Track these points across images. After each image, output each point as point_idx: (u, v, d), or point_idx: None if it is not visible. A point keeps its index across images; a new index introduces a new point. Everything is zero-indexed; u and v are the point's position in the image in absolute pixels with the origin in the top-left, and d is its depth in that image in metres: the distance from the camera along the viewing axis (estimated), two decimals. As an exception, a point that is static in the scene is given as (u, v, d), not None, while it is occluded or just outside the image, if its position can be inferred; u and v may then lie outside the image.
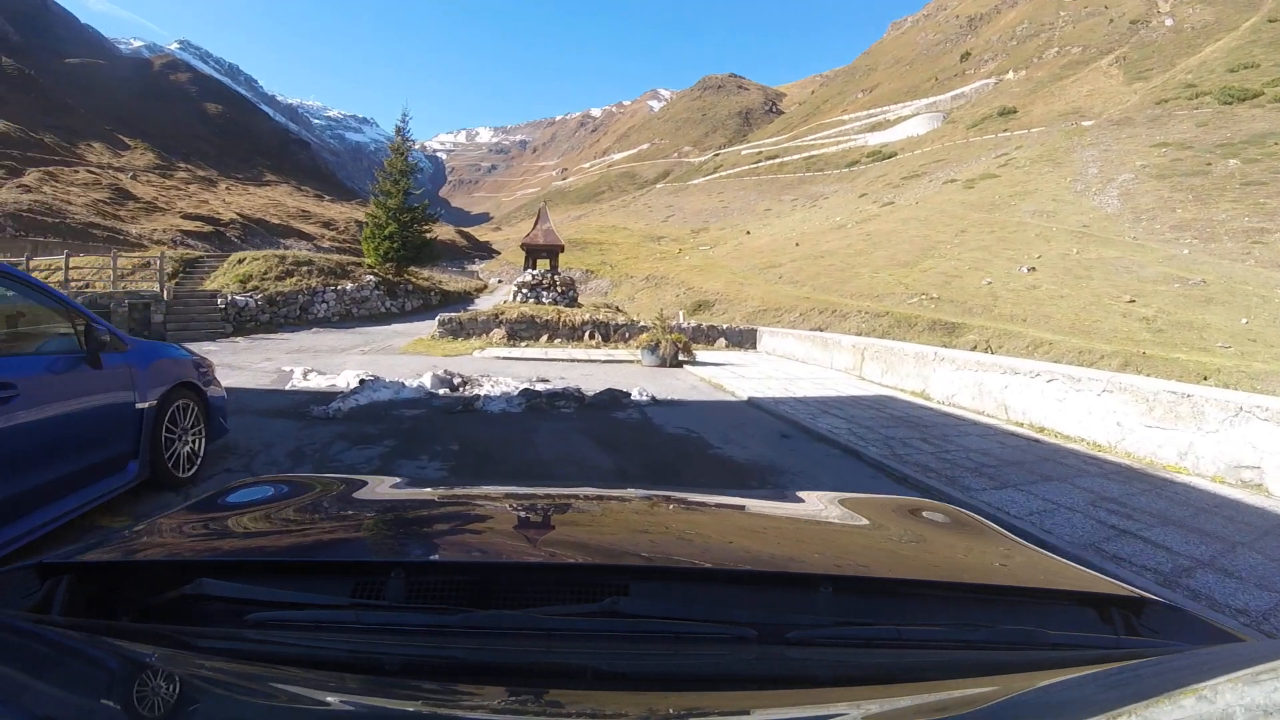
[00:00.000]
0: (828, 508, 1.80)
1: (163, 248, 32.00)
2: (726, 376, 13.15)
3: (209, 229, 55.44)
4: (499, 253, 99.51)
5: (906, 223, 44.97)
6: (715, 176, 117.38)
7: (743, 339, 21.37)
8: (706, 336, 21.13)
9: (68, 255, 18.72)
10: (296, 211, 78.37)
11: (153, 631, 1.00)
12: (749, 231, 67.47)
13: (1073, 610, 1.21)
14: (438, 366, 11.72)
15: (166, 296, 19.33)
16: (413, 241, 31.90)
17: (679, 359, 15.26)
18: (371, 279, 28.54)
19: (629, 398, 9.95)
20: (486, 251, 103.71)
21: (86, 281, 20.48)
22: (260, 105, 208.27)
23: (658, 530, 1.55)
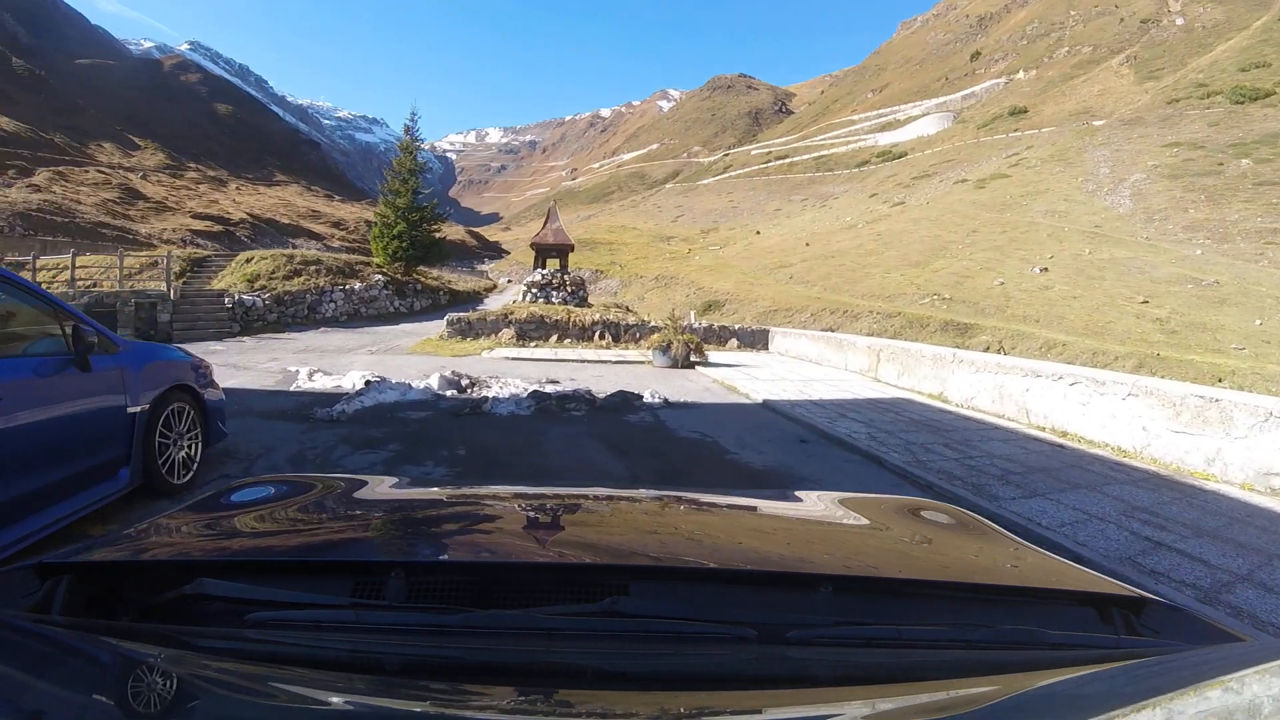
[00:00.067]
0: (828, 508, 1.82)
1: (171, 247, 32.00)
2: (740, 378, 12.97)
3: (219, 229, 55.71)
4: (508, 252, 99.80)
5: (917, 223, 44.90)
6: (725, 176, 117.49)
7: (755, 340, 21.19)
8: (718, 337, 20.97)
9: (74, 254, 18.72)
10: (306, 211, 78.72)
11: (153, 631, 1.00)
12: (759, 231, 67.39)
13: (1073, 610, 1.21)
14: (445, 367, 11.60)
15: (173, 296, 19.21)
16: (421, 241, 31.81)
17: (691, 360, 15.07)
18: (380, 278, 28.36)
19: (641, 400, 9.77)
20: (496, 251, 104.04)
21: (94, 281, 20.47)
22: (270, 106, 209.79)
23: (658, 530, 1.56)
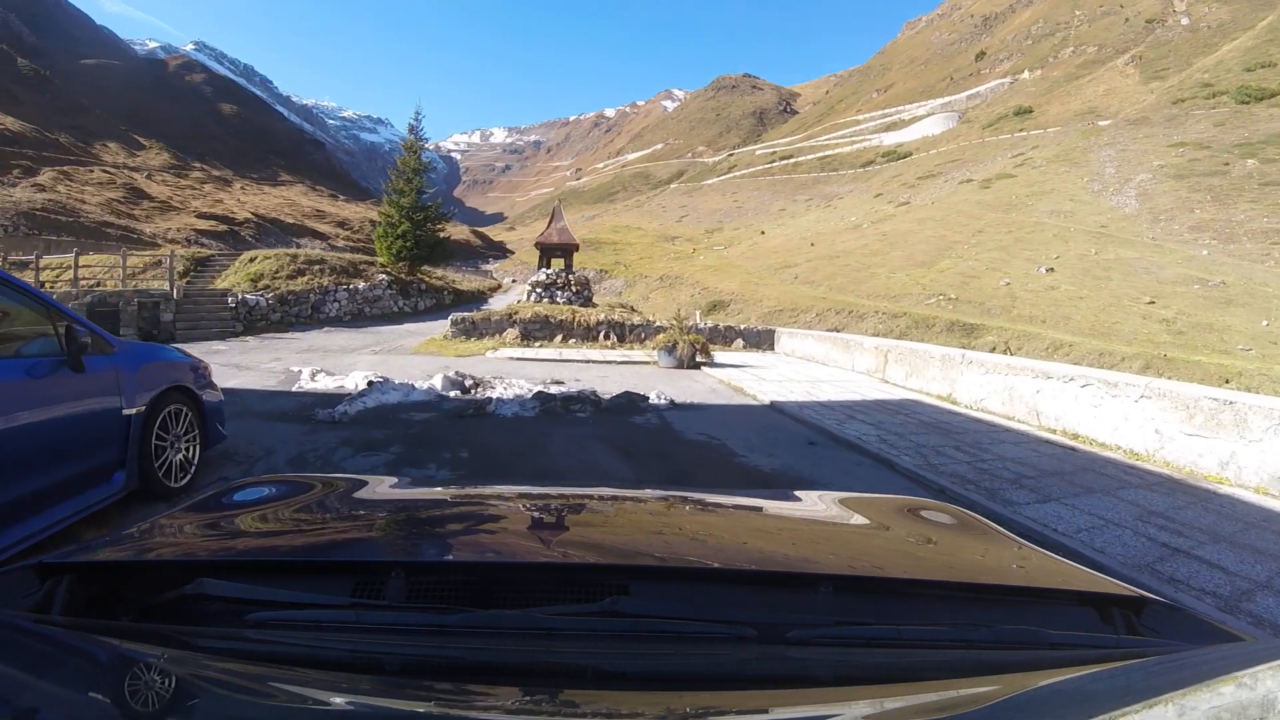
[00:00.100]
0: (828, 508, 1.82)
1: (175, 247, 31.96)
2: (746, 379, 12.86)
3: (223, 228, 55.74)
4: (513, 252, 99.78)
5: (922, 223, 44.74)
6: (729, 177, 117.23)
7: (760, 340, 21.08)
8: (724, 337, 20.88)
9: (77, 253, 18.74)
10: (311, 211, 78.76)
11: (153, 631, 0.99)
12: (763, 231, 67.25)
13: (1073, 610, 1.21)
14: (449, 367, 11.51)
15: (176, 295, 19.14)
16: (426, 240, 31.73)
17: (696, 360, 14.95)
18: (384, 278, 28.33)
19: (647, 401, 9.66)
20: (500, 251, 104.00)
21: (97, 280, 20.47)
22: (275, 106, 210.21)
23: (658, 529, 1.55)
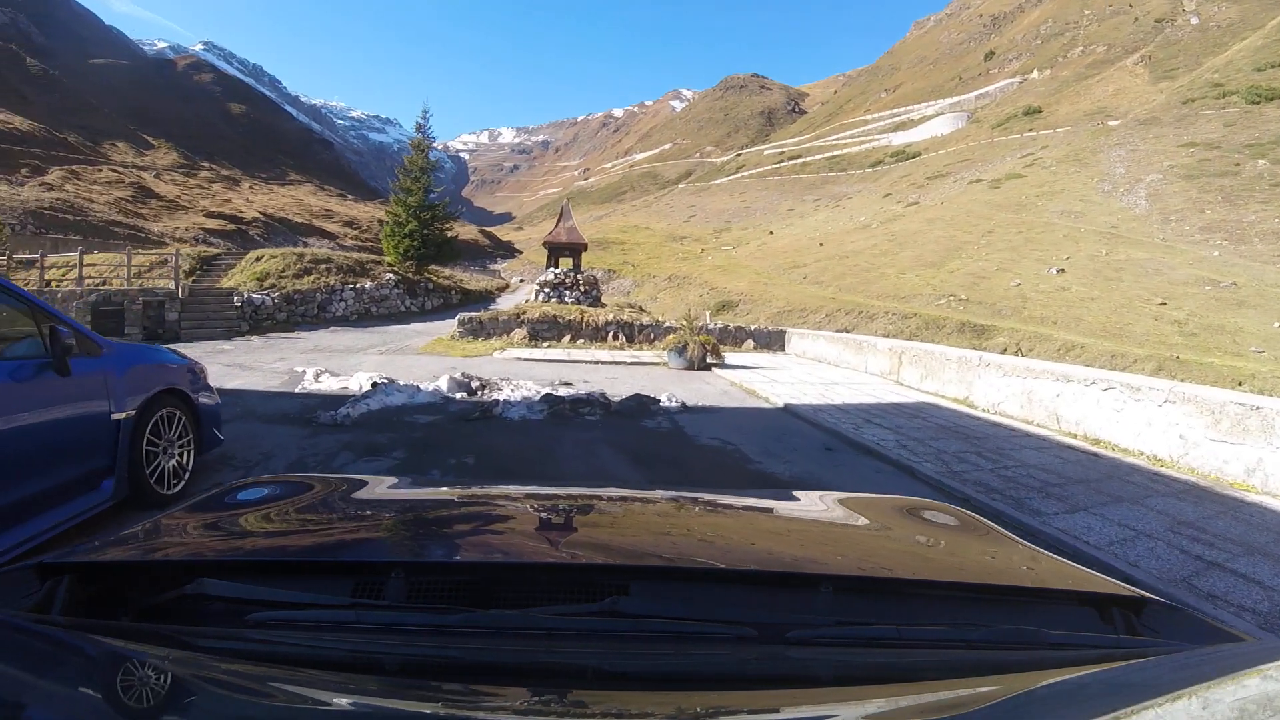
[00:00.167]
0: (829, 508, 1.83)
1: (183, 245, 31.90)
2: (759, 381, 12.67)
3: (231, 227, 55.64)
4: (521, 252, 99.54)
5: (932, 223, 44.48)
6: (737, 176, 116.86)
7: (771, 340, 20.93)
8: (734, 338, 20.74)
9: (82, 252, 18.61)
10: (319, 210, 78.66)
11: (153, 631, 0.99)
12: (772, 231, 66.90)
13: (1073, 610, 1.21)
14: (456, 368, 11.37)
15: (181, 294, 19.03)
16: (433, 239, 31.55)
17: (707, 361, 14.76)
18: (391, 277, 28.20)
19: (658, 404, 9.47)
20: (508, 251, 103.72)
21: (103, 279, 20.41)
22: (284, 105, 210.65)
23: (658, 530, 1.55)
